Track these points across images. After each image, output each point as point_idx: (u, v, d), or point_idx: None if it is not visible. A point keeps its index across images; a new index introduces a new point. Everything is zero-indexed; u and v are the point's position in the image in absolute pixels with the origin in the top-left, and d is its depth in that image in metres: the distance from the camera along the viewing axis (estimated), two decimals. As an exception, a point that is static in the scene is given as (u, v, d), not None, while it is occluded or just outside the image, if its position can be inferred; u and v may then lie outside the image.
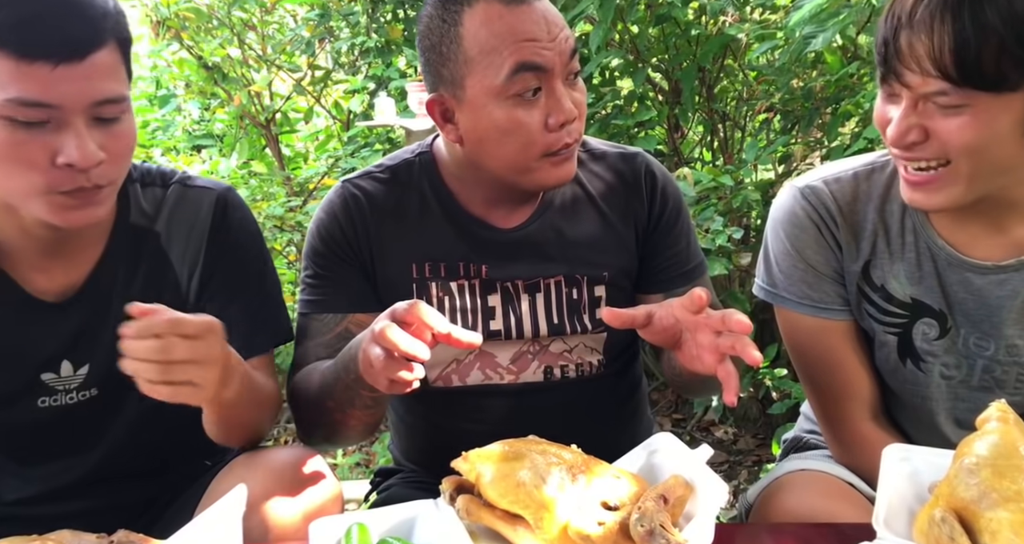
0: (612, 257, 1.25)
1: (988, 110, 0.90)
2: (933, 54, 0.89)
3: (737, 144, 2.94)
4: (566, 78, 1.11)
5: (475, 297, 1.23)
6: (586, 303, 1.25)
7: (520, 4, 1.08)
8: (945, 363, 1.11)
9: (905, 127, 0.95)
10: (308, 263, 1.26)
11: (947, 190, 0.97)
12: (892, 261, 1.10)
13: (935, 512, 0.75)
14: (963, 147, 0.92)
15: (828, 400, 1.18)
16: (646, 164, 1.28)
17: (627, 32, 2.64)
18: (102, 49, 0.94)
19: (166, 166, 1.23)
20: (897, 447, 0.90)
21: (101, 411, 1.15)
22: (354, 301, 1.23)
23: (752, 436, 2.81)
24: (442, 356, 1.24)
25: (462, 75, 1.10)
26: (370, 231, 1.23)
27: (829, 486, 1.11)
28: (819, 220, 1.11)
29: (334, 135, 3.93)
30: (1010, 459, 0.76)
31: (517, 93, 1.08)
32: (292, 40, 3.55)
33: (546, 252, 1.23)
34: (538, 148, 1.11)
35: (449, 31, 1.10)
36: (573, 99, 1.12)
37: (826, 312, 1.14)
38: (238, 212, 1.20)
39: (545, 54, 1.07)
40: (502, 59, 1.07)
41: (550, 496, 0.82)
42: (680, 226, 1.29)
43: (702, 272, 1.32)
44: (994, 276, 1.06)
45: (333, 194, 1.27)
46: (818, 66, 2.47)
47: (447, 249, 1.23)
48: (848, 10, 1.89)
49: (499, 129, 1.10)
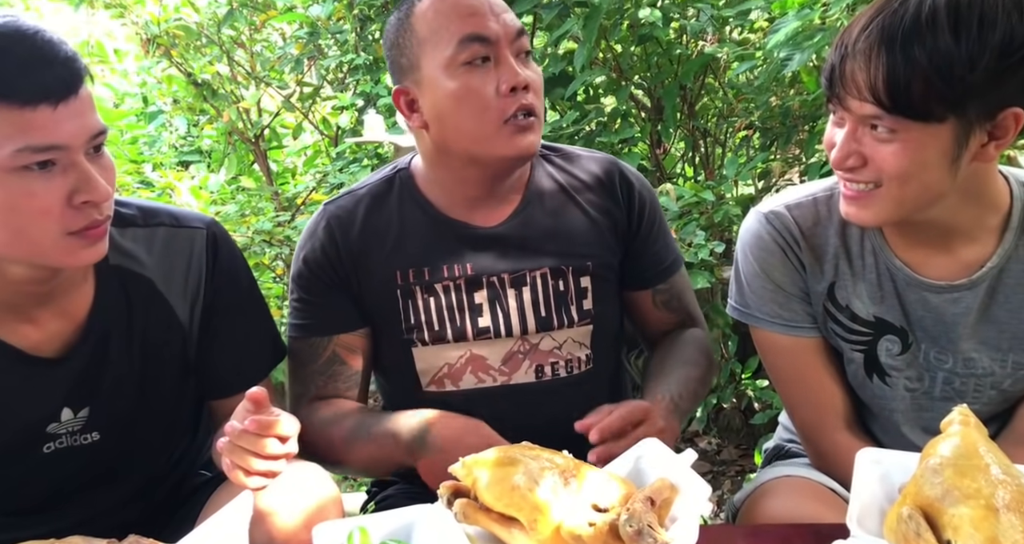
0: (595, 248, 1.30)
1: (917, 139, 0.96)
2: (869, 82, 0.95)
3: (718, 160, 3.00)
4: (516, 54, 1.19)
5: (461, 295, 1.27)
6: (573, 294, 1.28)
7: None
8: (908, 377, 1.16)
9: (846, 152, 1.01)
10: (294, 286, 1.31)
11: (877, 208, 1.03)
12: (855, 281, 1.16)
13: (903, 510, 0.80)
14: (894, 172, 0.98)
15: (804, 413, 1.23)
16: (619, 169, 1.35)
17: (610, 51, 2.71)
18: (83, 84, 0.97)
19: (141, 201, 1.24)
20: (869, 451, 0.95)
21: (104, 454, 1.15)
22: (339, 323, 1.29)
23: (735, 446, 2.85)
24: (434, 361, 1.28)
25: (418, 57, 1.19)
26: (352, 250, 1.27)
27: (811, 491, 1.16)
28: (784, 243, 1.16)
29: (322, 151, 3.96)
30: (970, 459, 0.81)
31: (466, 61, 1.16)
32: (281, 58, 3.58)
33: (529, 246, 1.28)
34: (494, 113, 1.17)
35: (404, 24, 1.20)
36: (526, 75, 1.18)
37: (797, 330, 1.19)
38: (227, 243, 1.23)
39: (489, 26, 1.16)
40: (450, 33, 1.16)
41: (543, 499, 0.87)
42: (657, 227, 1.36)
43: (679, 266, 1.39)
44: (948, 294, 1.11)
45: (316, 218, 1.31)
46: (795, 85, 2.54)
47: (429, 253, 1.27)
48: (823, 33, 1.96)
49: (454, 98, 1.17)
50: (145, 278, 1.15)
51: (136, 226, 1.16)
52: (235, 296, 1.22)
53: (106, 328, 1.12)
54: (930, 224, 1.07)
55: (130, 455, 1.18)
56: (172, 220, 1.19)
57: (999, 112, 0.95)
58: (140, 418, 1.17)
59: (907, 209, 1.03)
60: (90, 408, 1.12)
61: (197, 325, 1.19)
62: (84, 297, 1.11)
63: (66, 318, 1.10)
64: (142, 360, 1.15)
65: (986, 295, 1.10)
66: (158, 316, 1.15)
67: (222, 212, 3.10)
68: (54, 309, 1.08)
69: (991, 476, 0.79)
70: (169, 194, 2.94)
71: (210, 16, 3.44)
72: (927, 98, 0.93)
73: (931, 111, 0.94)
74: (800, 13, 2.00)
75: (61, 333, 1.09)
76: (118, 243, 1.13)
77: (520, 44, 1.19)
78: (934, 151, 0.97)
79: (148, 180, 3.19)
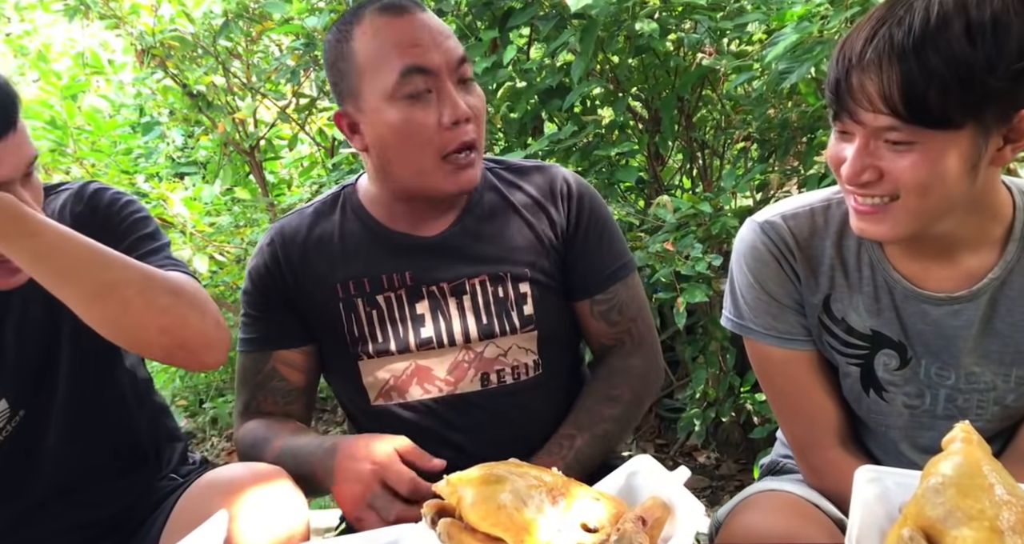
0: (533, 255, 1.30)
1: (936, 147, 0.94)
2: (883, 93, 0.93)
3: (716, 172, 2.99)
4: (457, 82, 1.17)
5: (403, 307, 1.27)
6: (512, 300, 1.28)
7: (402, 14, 1.15)
8: (907, 393, 1.14)
9: (860, 167, 0.98)
10: (242, 301, 1.33)
11: (893, 222, 1.00)
12: (851, 294, 1.13)
13: (903, 531, 0.77)
14: (914, 185, 0.96)
15: (798, 427, 1.21)
16: (562, 175, 1.34)
17: (608, 62, 2.70)
18: (19, 116, 1.00)
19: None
20: (867, 468, 0.93)
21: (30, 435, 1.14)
22: (280, 339, 1.30)
23: (734, 461, 2.82)
24: (379, 375, 1.28)
25: (358, 86, 1.18)
26: (294, 264, 1.29)
27: (793, 506, 1.14)
28: (778, 254, 1.14)
29: (318, 162, 3.95)
30: (973, 479, 0.79)
31: (408, 94, 1.14)
32: (277, 69, 3.57)
33: (468, 254, 1.28)
34: (434, 148, 1.17)
35: (343, 48, 1.18)
36: (468, 102, 1.17)
37: (791, 343, 1.17)
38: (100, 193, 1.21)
39: (430, 57, 1.14)
40: (391, 65, 1.14)
41: (531, 518, 0.84)
42: (597, 234, 1.33)
43: (623, 275, 1.34)
44: (948, 307, 1.09)
45: (265, 235, 1.34)
46: (793, 97, 2.53)
47: (369, 264, 1.28)
48: (822, 46, 1.95)
49: (395, 131, 1.16)
50: None
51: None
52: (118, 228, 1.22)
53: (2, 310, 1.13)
54: (933, 236, 1.05)
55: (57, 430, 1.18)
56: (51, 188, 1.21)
57: (1015, 114, 0.94)
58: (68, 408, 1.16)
59: (925, 221, 1.00)
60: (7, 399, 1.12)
61: None
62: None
63: None
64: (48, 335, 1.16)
65: (988, 307, 1.08)
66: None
67: (216, 223, 3.09)
68: None
69: (995, 497, 0.76)
70: (162, 205, 2.92)
71: (206, 27, 3.43)
72: (945, 105, 0.91)
73: (950, 118, 0.92)
74: (799, 26, 1.99)
75: None
76: None
77: (462, 71, 1.18)
78: (954, 159, 0.95)
79: (141, 191, 3.17)
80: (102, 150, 3.22)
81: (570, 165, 2.77)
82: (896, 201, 0.99)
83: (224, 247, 3.04)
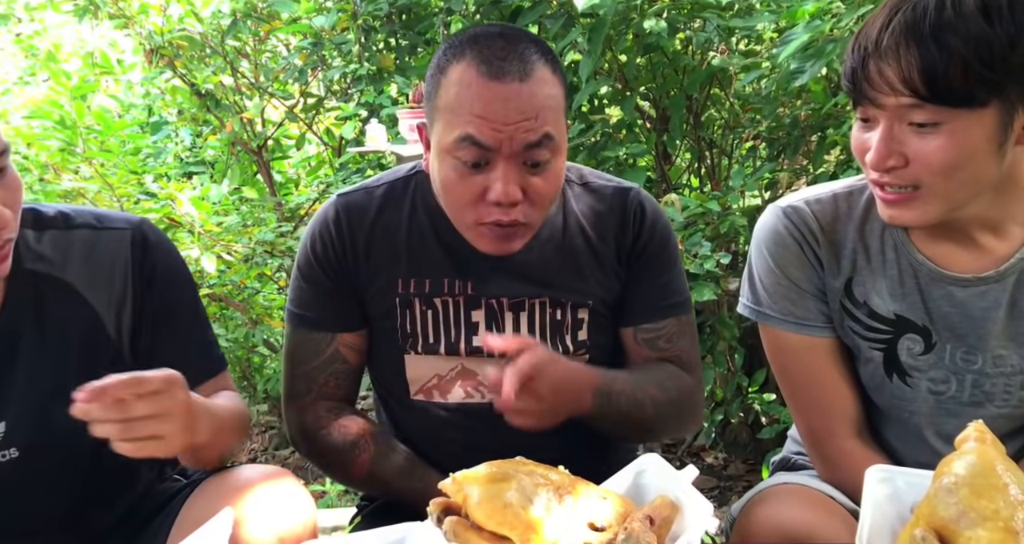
0: (595, 285, 1.27)
1: (963, 127, 0.94)
2: (903, 75, 0.93)
3: (724, 171, 2.98)
4: (523, 163, 1.11)
5: (459, 312, 1.25)
6: (569, 325, 1.27)
7: (493, 80, 1.08)
8: (932, 378, 1.13)
9: (886, 152, 0.98)
10: (298, 274, 1.28)
11: (923, 207, 1.00)
12: (874, 278, 1.12)
13: (916, 531, 0.76)
14: (941, 166, 0.96)
15: (812, 417, 1.19)
16: (639, 200, 1.30)
17: (616, 61, 2.69)
18: None
19: (65, 205, 1.20)
20: (878, 468, 0.92)
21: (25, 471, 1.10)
22: (343, 321, 1.27)
23: (742, 461, 2.81)
24: (423, 371, 1.27)
25: (433, 119, 1.15)
26: (359, 246, 1.25)
27: (810, 498, 1.12)
28: (801, 238, 1.13)
29: (325, 161, 3.95)
30: (987, 478, 0.77)
31: (461, 158, 1.11)
32: (285, 68, 3.58)
33: (532, 276, 1.25)
34: (470, 214, 1.14)
35: (436, 75, 1.15)
36: (528, 184, 1.12)
37: (809, 329, 1.16)
38: (158, 244, 1.18)
39: (492, 135, 1.08)
40: (457, 122, 1.10)
41: (537, 517, 0.83)
42: (659, 263, 1.28)
43: (677, 313, 1.29)
44: (975, 288, 1.08)
45: (328, 207, 1.28)
46: (803, 95, 2.52)
47: (433, 266, 1.25)
48: (834, 44, 1.93)
49: (443, 180, 1.14)
50: (64, 281, 1.11)
51: (56, 229, 1.13)
52: (168, 300, 1.18)
53: (15, 332, 1.08)
54: (959, 218, 1.04)
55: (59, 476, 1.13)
56: (95, 222, 1.16)
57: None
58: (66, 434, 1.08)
59: (953, 204, 1.00)
60: (5, 423, 1.08)
61: (127, 330, 1.15)
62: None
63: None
64: (60, 369, 1.10)
65: (1015, 288, 1.07)
66: (79, 320, 1.12)
67: (224, 223, 3.09)
68: None
69: (1010, 497, 0.75)
70: (171, 205, 2.92)
71: (214, 27, 3.44)
72: (967, 83, 0.91)
73: (973, 96, 0.92)
74: (810, 24, 1.98)
75: None
76: (33, 247, 1.11)
77: (531, 155, 1.10)
78: (980, 138, 0.95)
79: (149, 191, 3.17)
80: (111, 150, 3.22)
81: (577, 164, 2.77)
82: (920, 189, 0.99)
83: (232, 246, 3.05)
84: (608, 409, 1.18)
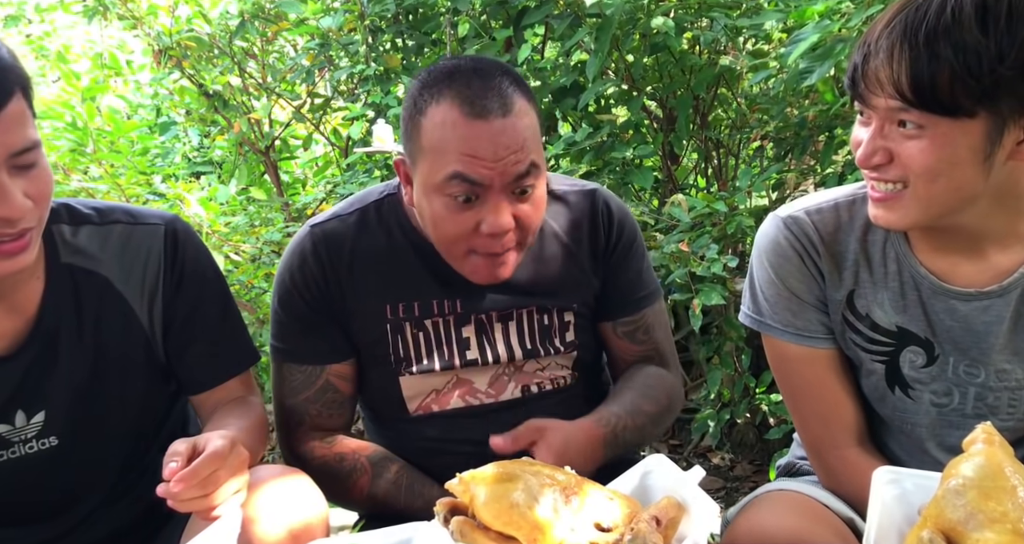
0: (577, 288, 1.31)
1: (946, 135, 0.94)
2: (893, 78, 0.93)
3: (731, 171, 2.97)
4: (511, 192, 1.12)
5: (449, 331, 1.27)
6: (557, 328, 1.30)
7: (476, 119, 1.08)
8: (935, 391, 1.12)
9: (872, 149, 0.98)
10: (278, 309, 1.27)
11: (905, 210, 1.00)
12: (876, 290, 1.12)
13: (923, 533, 0.76)
14: (923, 170, 0.96)
15: (814, 426, 1.19)
16: (604, 200, 1.33)
17: (622, 61, 2.68)
18: (11, 101, 0.93)
19: (99, 201, 1.22)
20: (886, 469, 0.91)
21: (62, 460, 1.12)
22: (329, 353, 1.27)
23: (749, 462, 2.80)
24: (421, 389, 1.28)
25: (416, 158, 1.15)
26: (340, 275, 1.24)
27: (801, 506, 1.12)
28: (801, 249, 1.13)
29: (333, 161, 3.96)
30: (996, 480, 0.77)
31: (451, 195, 1.11)
32: (292, 69, 3.59)
33: (518, 288, 1.27)
34: (464, 245, 1.15)
35: (415, 116, 1.14)
36: (518, 211, 1.13)
37: (810, 340, 1.15)
38: (189, 240, 1.20)
39: (483, 172, 1.09)
40: (444, 163, 1.10)
41: (544, 517, 0.83)
42: (630, 259, 1.33)
43: (651, 302, 1.36)
44: (978, 302, 1.07)
45: (302, 239, 1.26)
46: (811, 95, 2.51)
47: (420, 289, 1.25)
48: (842, 44, 1.92)
49: (433, 217, 1.14)
50: (100, 275, 1.13)
51: (91, 224, 1.15)
52: (198, 294, 1.20)
53: (55, 325, 1.10)
54: (959, 230, 1.04)
55: (95, 464, 1.15)
56: (128, 218, 1.18)
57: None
58: (102, 424, 1.14)
59: (936, 211, 0.99)
60: (45, 412, 1.10)
61: (160, 323, 1.17)
62: (33, 294, 1.10)
63: (14, 315, 1.09)
64: (98, 361, 1.13)
65: (1019, 303, 1.06)
66: (114, 314, 1.14)
67: (232, 223, 3.10)
68: (2, 306, 1.07)
69: (1018, 499, 0.75)
70: (179, 205, 2.94)
71: (222, 28, 3.45)
72: (953, 92, 0.91)
73: (959, 105, 0.91)
74: (819, 24, 1.97)
75: (8, 331, 1.08)
76: (69, 241, 1.13)
77: (520, 184, 1.12)
78: (964, 148, 0.94)
79: (158, 191, 3.19)
80: (120, 150, 3.24)
81: (583, 165, 2.77)
82: (907, 189, 0.99)
83: (239, 246, 3.06)
84: (617, 448, 1.22)
